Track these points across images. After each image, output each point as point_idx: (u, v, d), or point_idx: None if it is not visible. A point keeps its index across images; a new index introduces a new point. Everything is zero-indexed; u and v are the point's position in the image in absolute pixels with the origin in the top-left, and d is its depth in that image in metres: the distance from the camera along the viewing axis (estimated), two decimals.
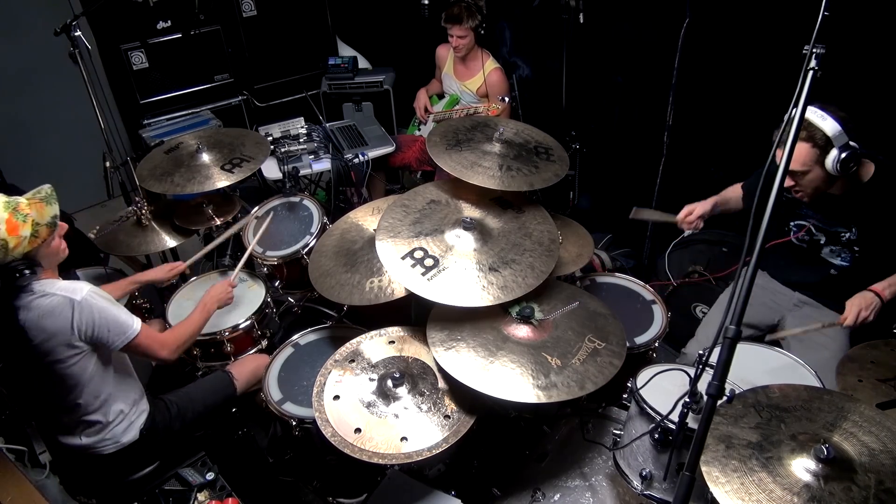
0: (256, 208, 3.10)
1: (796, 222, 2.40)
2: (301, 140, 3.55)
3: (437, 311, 2.15)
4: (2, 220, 1.78)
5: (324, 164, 3.49)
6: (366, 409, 2.02)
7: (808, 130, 2.09)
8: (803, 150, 2.11)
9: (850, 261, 2.32)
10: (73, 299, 1.90)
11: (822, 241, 2.36)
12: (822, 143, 2.09)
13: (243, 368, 2.51)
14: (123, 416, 2.12)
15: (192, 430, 2.31)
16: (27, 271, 1.87)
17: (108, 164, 3.19)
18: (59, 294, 1.91)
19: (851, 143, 2.08)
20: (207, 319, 2.33)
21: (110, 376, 2.07)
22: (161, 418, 2.23)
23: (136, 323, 2.01)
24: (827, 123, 2.06)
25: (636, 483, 1.82)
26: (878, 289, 2.19)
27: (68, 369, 1.95)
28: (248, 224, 2.99)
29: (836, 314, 2.32)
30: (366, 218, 2.69)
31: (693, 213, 2.56)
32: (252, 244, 2.81)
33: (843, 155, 2.07)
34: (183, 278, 2.90)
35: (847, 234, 2.29)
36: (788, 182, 2.21)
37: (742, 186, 2.62)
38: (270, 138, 3.40)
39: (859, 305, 2.17)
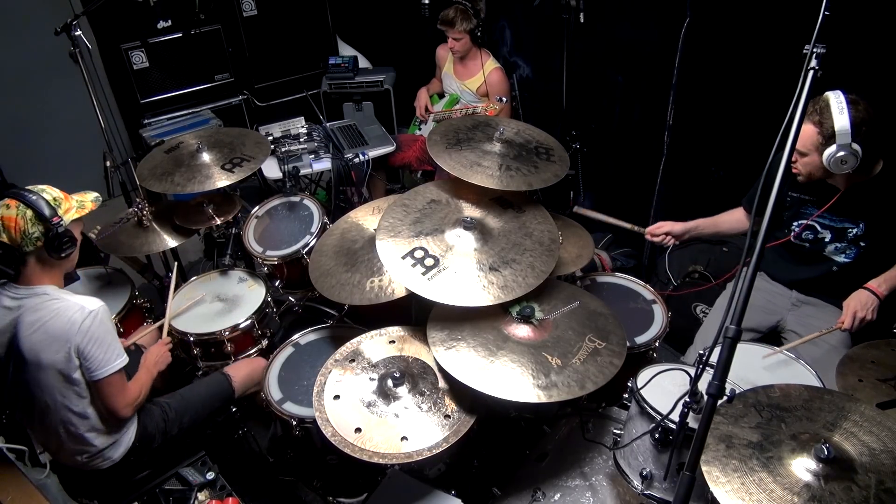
0: (257, 208, 3.10)
1: (799, 222, 2.38)
2: (301, 139, 3.55)
3: (438, 310, 2.14)
4: (59, 191, 2.02)
5: (324, 164, 3.49)
6: (366, 409, 2.01)
7: (822, 115, 2.05)
8: (809, 132, 2.09)
9: (854, 257, 2.30)
10: (85, 307, 1.92)
11: (826, 239, 2.33)
12: (827, 134, 2.05)
13: (240, 371, 2.50)
14: (111, 438, 2.11)
15: (189, 432, 2.30)
16: (67, 239, 1.95)
17: (108, 163, 3.20)
18: (71, 301, 1.94)
19: (854, 145, 2.02)
20: (151, 381, 2.24)
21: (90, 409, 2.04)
22: (155, 424, 2.22)
23: (124, 358, 2.01)
24: (840, 118, 2.01)
25: (636, 483, 1.82)
26: (872, 286, 2.16)
27: (49, 382, 1.94)
28: (248, 223, 3.00)
29: (836, 310, 2.31)
30: (366, 217, 2.68)
31: (661, 227, 2.62)
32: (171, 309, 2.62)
33: (839, 154, 2.03)
34: (183, 278, 2.90)
35: (854, 230, 2.26)
36: (794, 157, 2.16)
37: (742, 202, 2.59)
38: (271, 138, 3.40)
39: (855, 307, 2.14)
